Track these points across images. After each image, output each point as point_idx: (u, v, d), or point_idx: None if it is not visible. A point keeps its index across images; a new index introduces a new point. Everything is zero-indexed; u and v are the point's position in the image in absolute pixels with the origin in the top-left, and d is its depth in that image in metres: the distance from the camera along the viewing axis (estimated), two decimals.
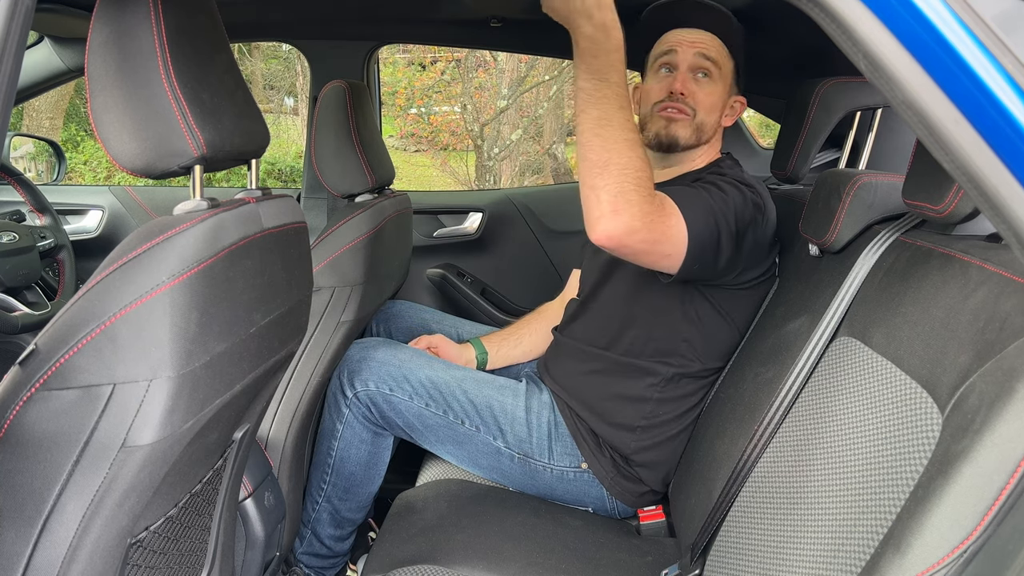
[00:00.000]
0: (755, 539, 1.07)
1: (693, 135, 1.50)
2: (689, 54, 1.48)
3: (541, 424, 1.55)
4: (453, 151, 8.61)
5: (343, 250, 1.53)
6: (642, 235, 1.18)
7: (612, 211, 1.14)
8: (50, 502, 0.77)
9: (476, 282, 2.53)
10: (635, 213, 1.15)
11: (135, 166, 0.83)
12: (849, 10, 0.65)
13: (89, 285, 0.78)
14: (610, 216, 1.14)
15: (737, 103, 1.56)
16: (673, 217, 1.24)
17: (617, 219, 1.14)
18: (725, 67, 1.50)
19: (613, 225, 1.15)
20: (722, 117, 1.54)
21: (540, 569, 1.28)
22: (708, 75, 1.49)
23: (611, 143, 1.13)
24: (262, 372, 0.98)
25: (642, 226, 1.16)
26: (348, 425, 1.56)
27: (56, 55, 2.21)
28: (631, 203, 1.14)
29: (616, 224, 1.14)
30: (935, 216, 0.98)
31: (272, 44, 9.26)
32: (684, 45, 1.48)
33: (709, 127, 1.51)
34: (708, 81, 1.49)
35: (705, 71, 1.48)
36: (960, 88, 0.63)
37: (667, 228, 1.22)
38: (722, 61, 1.49)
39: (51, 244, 1.92)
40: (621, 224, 1.15)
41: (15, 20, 0.65)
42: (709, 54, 1.47)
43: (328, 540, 1.62)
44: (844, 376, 1.03)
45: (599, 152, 1.14)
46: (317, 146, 1.65)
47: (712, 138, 1.54)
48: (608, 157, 1.13)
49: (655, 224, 1.19)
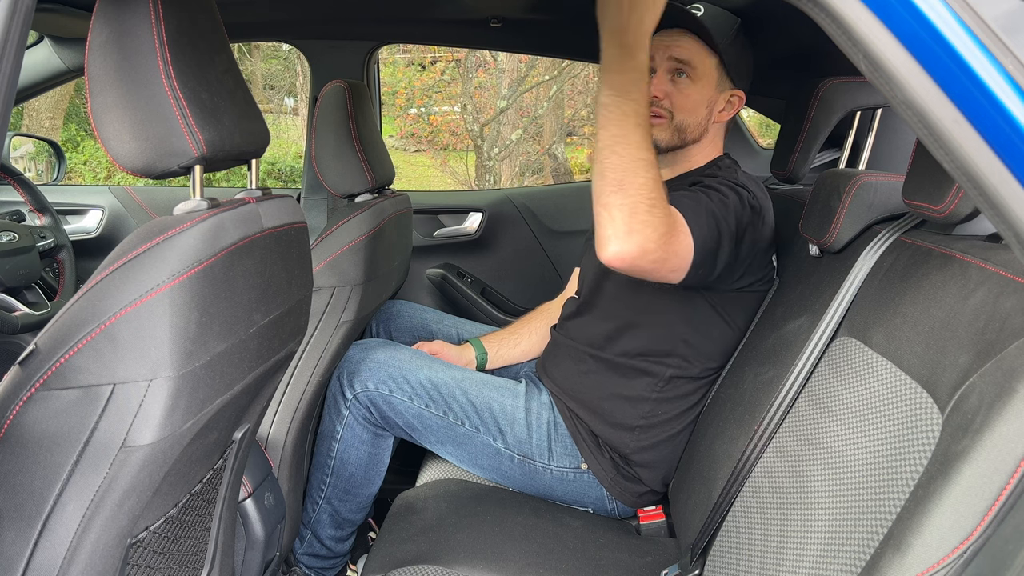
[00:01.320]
0: (755, 539, 1.07)
1: (674, 136, 1.49)
2: (664, 56, 1.47)
3: (540, 425, 1.55)
4: (453, 151, 8.61)
5: (343, 250, 1.53)
6: (654, 256, 1.16)
7: (626, 232, 1.12)
8: (50, 502, 0.77)
9: (476, 282, 2.53)
10: (649, 235, 1.13)
11: (135, 166, 0.83)
12: (849, 10, 0.65)
13: (89, 285, 0.78)
14: (624, 237, 1.12)
15: (734, 97, 1.53)
16: (682, 234, 1.23)
17: (630, 240, 1.12)
18: (704, 65, 1.47)
19: (626, 247, 1.12)
20: (713, 113, 1.51)
21: (540, 569, 1.28)
22: (685, 75, 1.48)
23: (628, 162, 1.12)
24: (262, 372, 0.98)
25: (655, 247, 1.15)
26: (348, 426, 1.57)
27: (56, 55, 2.21)
28: (645, 224, 1.12)
29: (629, 246, 1.12)
30: (935, 216, 0.98)
31: (272, 44, 9.27)
32: (660, 49, 1.47)
33: (692, 126, 1.50)
34: (686, 81, 1.48)
35: (682, 71, 1.48)
36: (960, 88, 0.63)
37: (677, 246, 1.21)
38: (699, 59, 1.47)
39: (51, 244, 1.92)
40: (634, 246, 1.13)
41: (15, 20, 0.65)
42: (681, 56, 1.46)
43: (328, 541, 1.63)
44: (844, 376, 1.03)
45: (615, 170, 1.12)
46: (317, 146, 1.65)
47: (704, 136, 1.52)
48: (623, 176, 1.12)
49: (668, 243, 1.17)
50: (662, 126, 1.49)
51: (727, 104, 1.53)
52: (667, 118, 1.49)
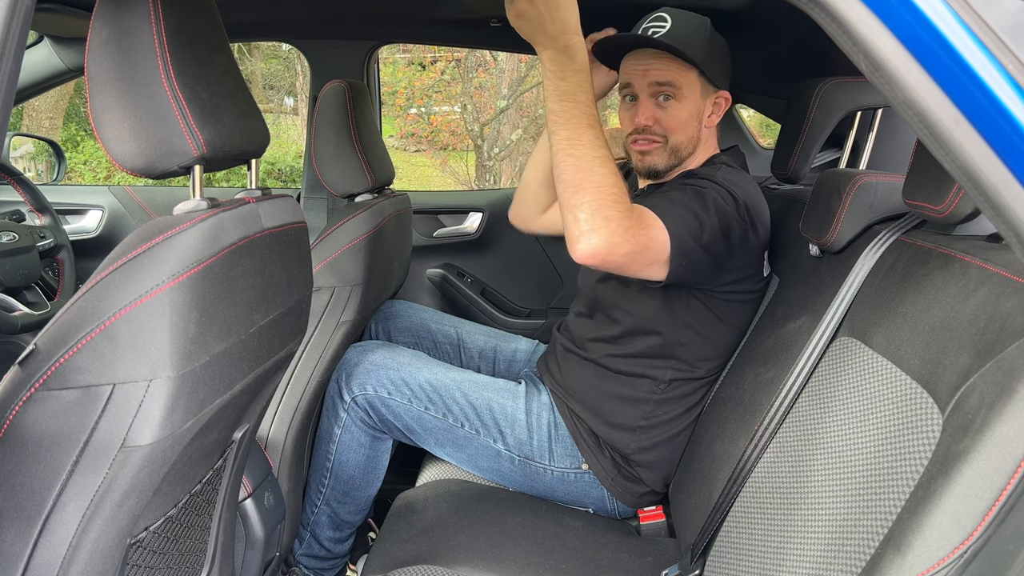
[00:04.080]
0: (755, 539, 1.07)
1: (671, 158, 1.49)
2: (644, 83, 1.45)
3: (541, 426, 1.55)
4: (453, 151, 8.61)
5: (343, 250, 1.53)
6: (624, 248, 1.19)
7: (591, 229, 1.16)
8: (50, 502, 0.77)
9: (476, 282, 2.53)
10: (614, 228, 1.16)
11: (135, 166, 0.83)
12: (849, 10, 0.64)
13: (89, 285, 0.78)
14: (589, 233, 1.16)
15: (720, 99, 1.51)
16: (653, 228, 1.24)
17: (597, 236, 1.16)
18: (686, 80, 1.45)
19: (594, 242, 1.16)
20: (704, 120, 1.50)
21: (540, 569, 1.28)
22: (671, 96, 1.46)
23: (583, 162, 1.16)
24: (262, 372, 0.98)
25: (622, 240, 1.18)
26: (346, 429, 1.56)
27: (56, 55, 2.21)
28: (609, 219, 1.16)
29: (597, 241, 1.16)
30: (935, 216, 0.97)
31: (272, 44, 9.26)
32: (638, 75, 1.46)
33: (687, 142, 1.49)
34: (672, 102, 1.46)
35: (666, 94, 1.45)
36: (960, 88, 0.63)
37: (648, 239, 1.23)
38: (680, 77, 1.44)
39: (51, 244, 1.92)
40: (602, 240, 1.16)
41: (15, 20, 0.65)
42: (661, 79, 1.44)
43: (327, 542, 1.63)
44: (844, 376, 1.03)
45: (572, 172, 1.17)
46: (317, 146, 1.65)
47: (697, 147, 1.52)
48: (582, 176, 1.16)
49: (635, 236, 1.20)
50: (658, 151, 1.48)
51: (714, 108, 1.52)
52: (662, 143, 1.48)
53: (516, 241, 2.58)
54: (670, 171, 1.51)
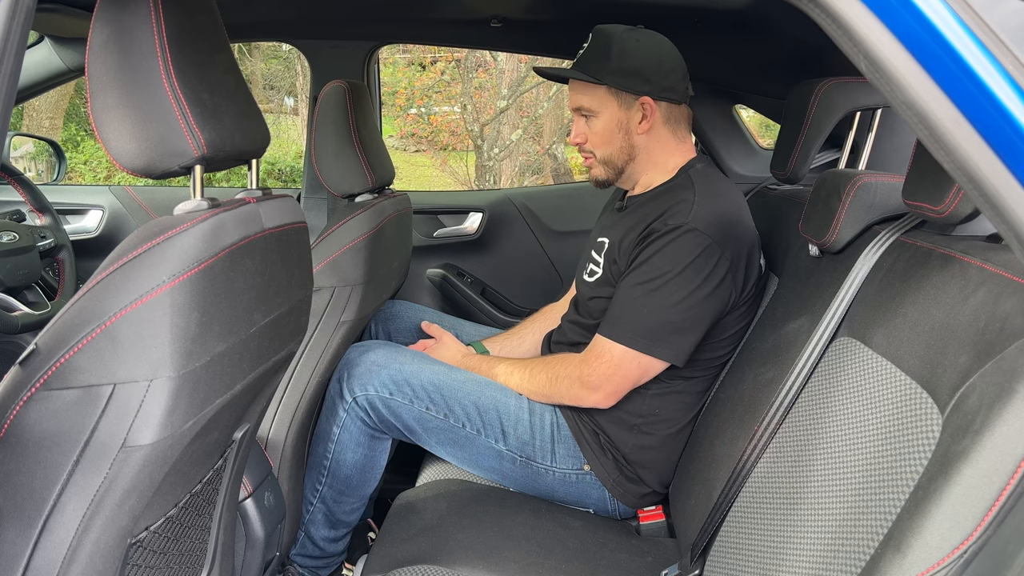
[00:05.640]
0: (755, 539, 1.07)
1: (606, 169, 1.58)
2: (573, 107, 1.57)
3: (544, 426, 1.55)
4: (453, 151, 8.61)
5: (343, 250, 1.53)
6: (607, 390, 1.46)
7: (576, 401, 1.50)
8: (50, 502, 0.77)
9: (476, 282, 2.53)
10: (584, 397, 1.48)
11: (135, 166, 0.83)
12: (849, 10, 0.65)
13: (89, 285, 0.78)
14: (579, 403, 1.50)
15: (643, 105, 1.51)
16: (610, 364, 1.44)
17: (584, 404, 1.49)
18: (596, 97, 1.52)
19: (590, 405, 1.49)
20: (634, 128, 1.52)
21: (540, 569, 1.28)
22: (590, 115, 1.54)
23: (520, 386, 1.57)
24: (262, 372, 0.98)
25: (604, 395, 1.46)
26: (345, 429, 1.56)
27: (56, 55, 2.21)
28: (574, 397, 1.50)
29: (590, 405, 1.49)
30: (935, 216, 0.97)
31: (272, 44, 9.27)
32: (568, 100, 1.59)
33: (616, 153, 1.55)
34: (593, 119, 1.54)
35: (585, 114, 1.55)
36: (960, 88, 0.63)
37: (624, 375, 1.44)
38: (589, 99, 1.53)
39: (51, 244, 1.92)
40: (590, 404, 1.49)
41: (15, 20, 0.65)
42: (576, 104, 1.55)
43: (321, 541, 1.62)
44: (844, 376, 1.03)
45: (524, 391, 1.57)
46: (317, 146, 1.65)
47: (640, 152, 1.55)
48: (529, 391, 1.56)
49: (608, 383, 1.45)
50: (595, 165, 1.59)
51: (641, 114, 1.52)
52: (594, 157, 1.58)
53: (516, 241, 2.59)
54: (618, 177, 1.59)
